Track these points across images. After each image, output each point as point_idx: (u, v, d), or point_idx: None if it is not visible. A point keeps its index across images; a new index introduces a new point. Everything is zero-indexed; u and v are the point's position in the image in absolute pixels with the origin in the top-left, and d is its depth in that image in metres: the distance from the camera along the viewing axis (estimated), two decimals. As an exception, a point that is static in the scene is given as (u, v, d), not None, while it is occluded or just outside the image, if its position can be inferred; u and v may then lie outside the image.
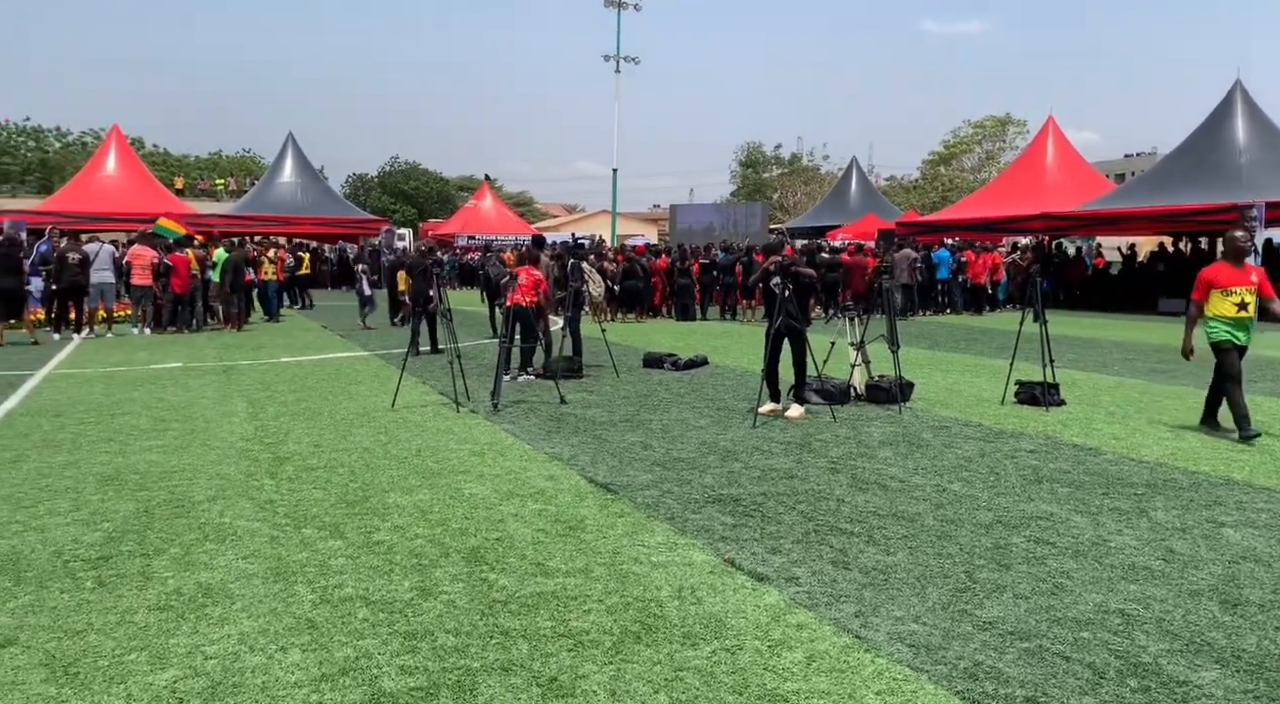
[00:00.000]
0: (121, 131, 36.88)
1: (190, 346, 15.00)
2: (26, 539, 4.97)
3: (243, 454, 7.16)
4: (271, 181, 39.03)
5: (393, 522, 5.37)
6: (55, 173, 66.13)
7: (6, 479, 6.25)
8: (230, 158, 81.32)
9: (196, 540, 4.99)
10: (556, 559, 4.70)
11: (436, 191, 77.13)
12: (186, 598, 4.15)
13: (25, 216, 29.86)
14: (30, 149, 73.33)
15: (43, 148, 73.90)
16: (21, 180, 66.69)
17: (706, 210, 42.71)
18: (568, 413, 9.00)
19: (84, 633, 3.76)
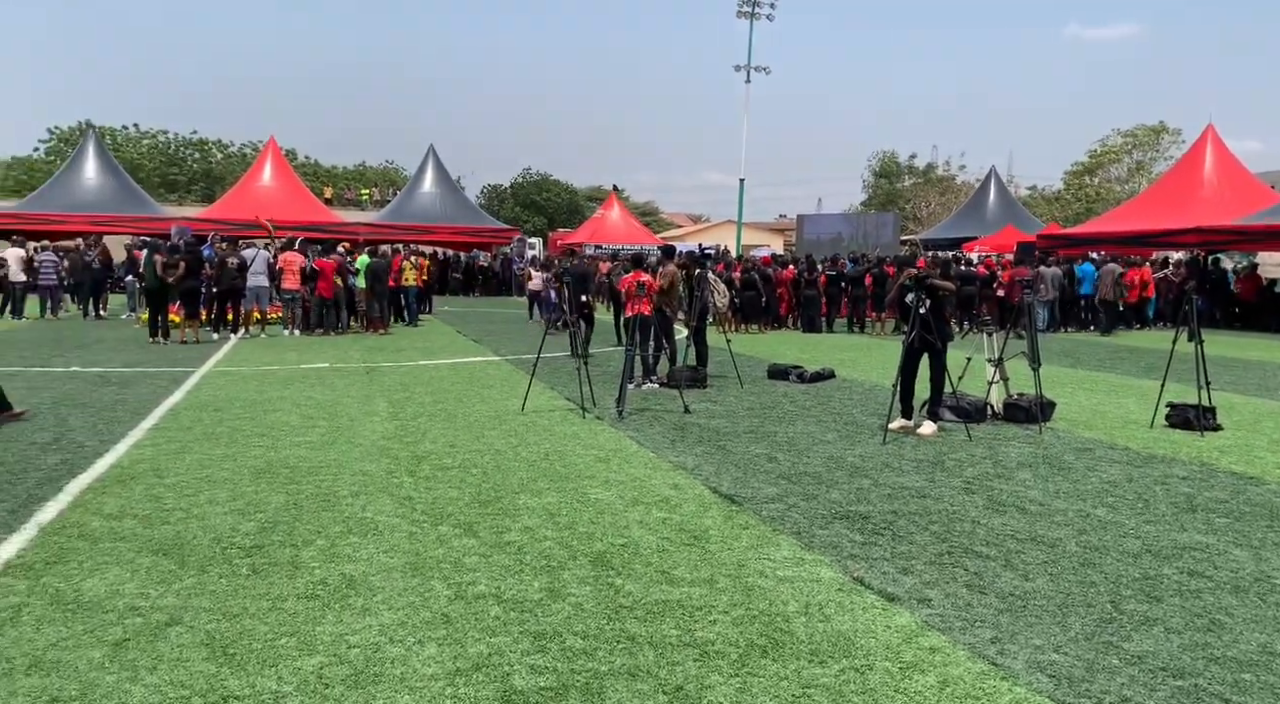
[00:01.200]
0: (277, 143, 39.20)
1: (336, 348, 15.78)
2: (189, 526, 5.33)
3: (384, 452, 7.48)
4: (413, 192, 40.68)
5: (523, 523, 5.51)
6: (217, 182, 70.79)
7: (172, 469, 6.72)
8: (374, 169, 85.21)
9: (341, 533, 5.24)
10: (681, 568, 4.72)
11: (566, 202, 78.71)
12: (332, 588, 4.36)
13: (190, 223, 32.10)
14: (196, 160, 78.74)
15: (207, 159, 79.27)
16: (188, 189, 71.66)
17: (835, 220, 42.02)
18: (691, 422, 9.02)
19: (239, 616, 4.00)
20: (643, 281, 10.29)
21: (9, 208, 37.25)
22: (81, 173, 35.62)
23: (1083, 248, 26.65)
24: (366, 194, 65.33)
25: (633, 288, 10.50)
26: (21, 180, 64.55)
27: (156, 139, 77.78)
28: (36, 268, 20.54)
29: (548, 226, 70.09)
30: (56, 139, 72.16)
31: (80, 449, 7.29)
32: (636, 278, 10.58)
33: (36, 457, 6.99)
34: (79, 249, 22.24)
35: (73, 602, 4.11)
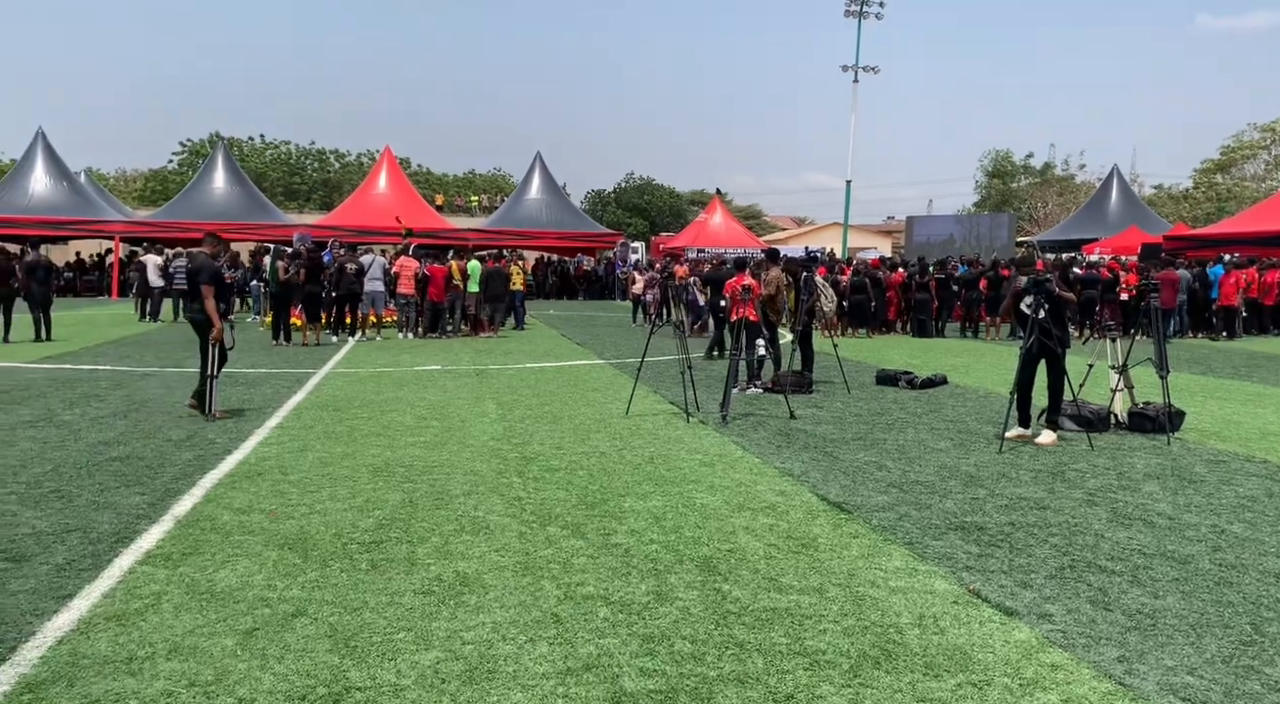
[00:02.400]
0: (392, 153, 40.57)
1: (447, 351, 16.22)
2: (312, 521, 5.56)
3: (493, 453, 7.64)
4: (520, 198, 41.50)
5: (629, 525, 5.54)
6: (335, 190, 73.71)
7: (296, 466, 7.02)
8: (483, 176, 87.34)
9: (454, 532, 5.38)
10: (789, 576, 4.67)
11: (669, 206, 78.97)
12: (446, 585, 4.48)
13: (310, 230, 33.50)
14: (315, 169, 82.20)
15: (325, 168, 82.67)
16: (308, 197, 74.89)
17: (946, 222, 40.90)
18: (797, 428, 8.91)
19: (360, 610, 4.15)
20: (747, 285, 10.23)
21: (146, 217, 39.64)
22: (211, 183, 37.62)
23: (1214, 249, 25.22)
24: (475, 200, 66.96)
25: (737, 292, 10.45)
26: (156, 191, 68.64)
27: (279, 149, 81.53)
28: (171, 273, 21.76)
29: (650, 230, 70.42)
30: (188, 151, 76.39)
31: (211, 446, 7.69)
32: (740, 281, 10.53)
33: (172, 453, 7.40)
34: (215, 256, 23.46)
35: (206, 591, 4.34)
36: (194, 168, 62.08)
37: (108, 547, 4.95)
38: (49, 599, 4.17)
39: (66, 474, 6.57)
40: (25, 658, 3.56)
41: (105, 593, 4.26)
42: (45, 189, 34.97)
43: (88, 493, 6.06)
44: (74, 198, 35.72)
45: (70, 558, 4.74)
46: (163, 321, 21.74)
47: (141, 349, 15.50)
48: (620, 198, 79.03)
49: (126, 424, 8.57)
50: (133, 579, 4.46)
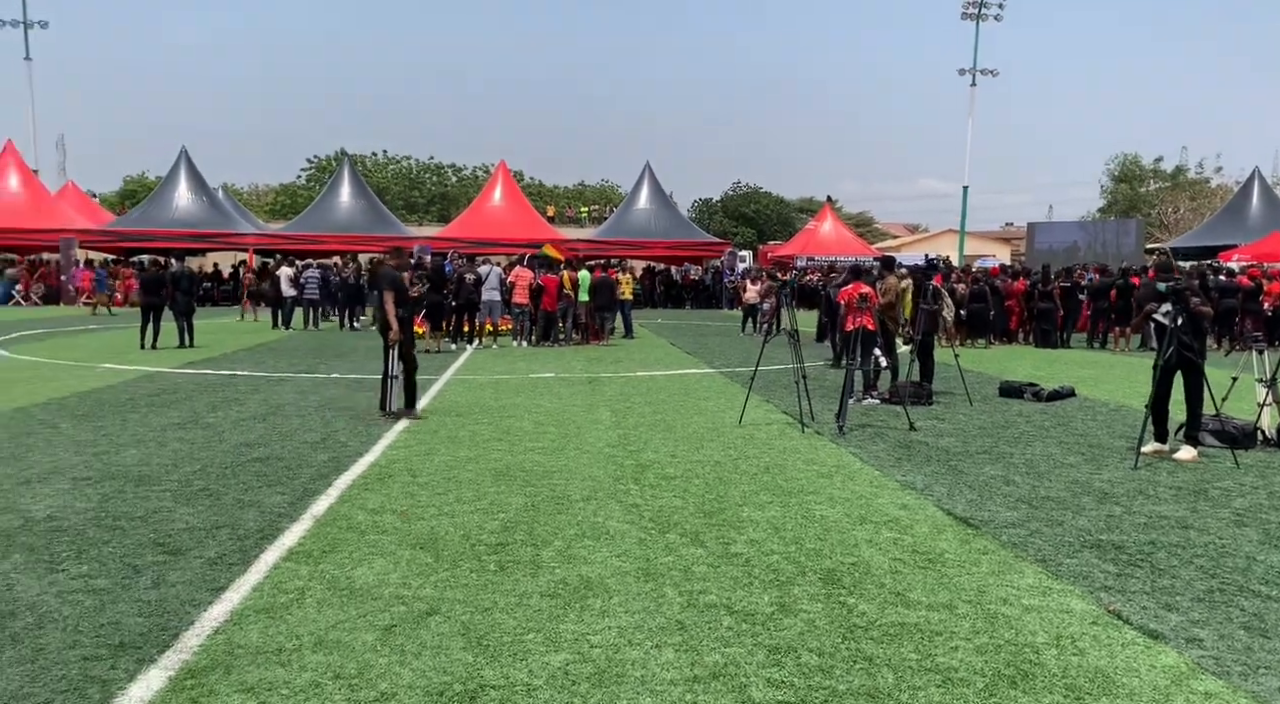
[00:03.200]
0: (507, 166, 41.59)
1: (560, 359, 16.50)
2: (441, 523, 5.74)
3: (609, 459, 7.74)
4: (629, 208, 41.92)
5: (748, 535, 5.53)
6: (452, 203, 75.94)
7: (424, 469, 7.27)
8: (592, 187, 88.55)
9: (576, 536, 5.47)
10: (917, 591, 4.57)
11: (776, 214, 78.36)
12: (571, 588, 4.57)
13: (429, 242, 34.64)
14: (433, 183, 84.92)
15: (443, 182, 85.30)
16: (426, 210, 77.38)
17: (1070, 228, 39.30)
18: (918, 440, 8.72)
19: (490, 610, 4.27)
20: (864, 293, 10.07)
21: (278, 230, 41.70)
22: (338, 197, 39.32)
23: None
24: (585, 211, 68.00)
25: (854, 300, 10.31)
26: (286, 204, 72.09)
27: (400, 164, 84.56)
28: (302, 284, 22.84)
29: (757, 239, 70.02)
30: (315, 167, 79.99)
31: (344, 448, 8.03)
32: (857, 290, 10.38)
33: (308, 454, 7.76)
34: (336, 266, 24.56)
35: (346, 588, 4.54)
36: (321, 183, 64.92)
37: (254, 543, 5.23)
38: (204, 591, 4.44)
39: (213, 473, 6.97)
40: (187, 645, 3.80)
41: (254, 586, 4.51)
42: (187, 204, 37.23)
43: (233, 491, 6.42)
44: (212, 212, 37.91)
45: (221, 552, 5.03)
46: (294, 329, 22.81)
47: (275, 356, 16.31)
48: (727, 206, 78.85)
49: (265, 427, 9.03)
50: (278, 574, 4.70)
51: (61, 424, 8.93)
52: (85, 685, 3.41)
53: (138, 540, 5.21)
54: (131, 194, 67.05)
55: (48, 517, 5.66)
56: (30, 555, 4.91)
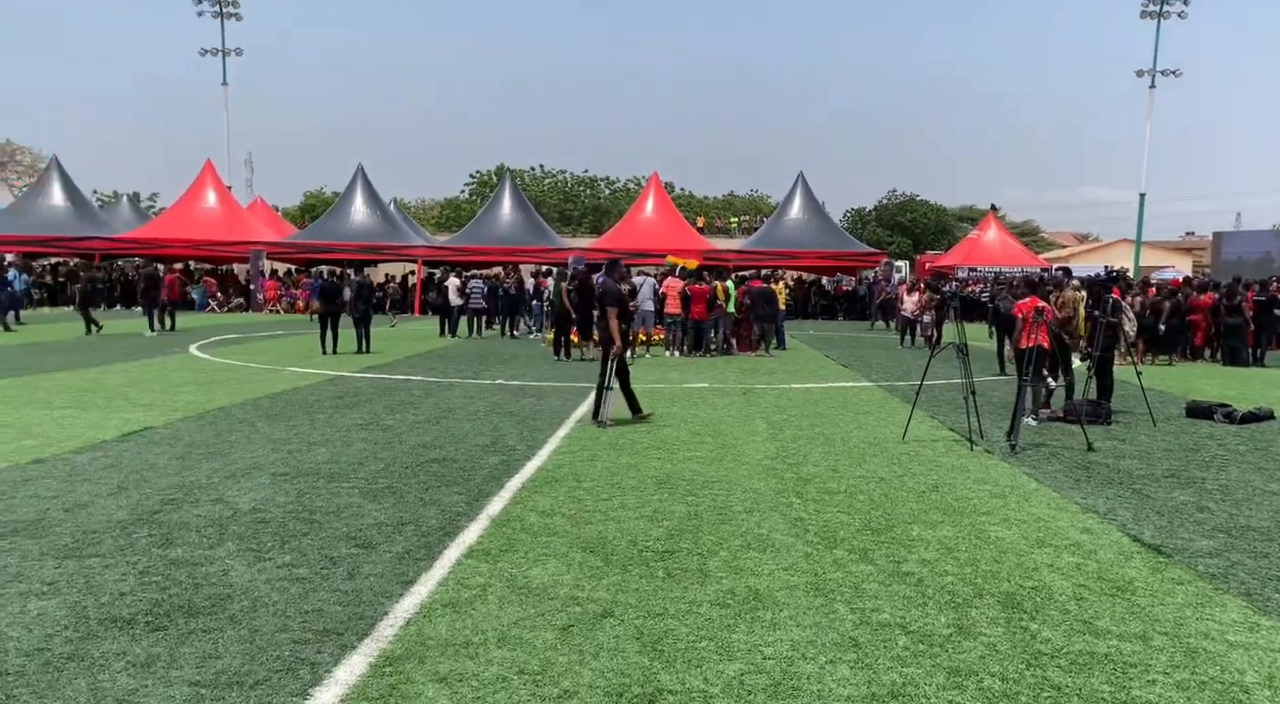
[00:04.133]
0: (659, 178, 42.08)
1: (712, 369, 16.55)
2: (608, 527, 5.88)
3: (769, 472, 7.71)
4: (781, 217, 41.59)
5: (919, 554, 5.40)
6: (604, 215, 77.50)
7: (587, 474, 7.46)
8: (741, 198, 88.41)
9: (741, 547, 5.49)
10: (1105, 620, 4.35)
11: (934, 222, 75.93)
12: (740, 599, 4.59)
13: (584, 253, 35.41)
14: (587, 196, 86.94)
15: (596, 195, 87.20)
16: (579, 222, 79.28)
17: (1262, 238, 36.32)
18: (1097, 461, 8.27)
19: (661, 616, 4.35)
20: (1040, 307, 9.63)
21: (444, 242, 43.69)
22: (499, 210, 40.82)
23: None
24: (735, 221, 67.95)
25: (1029, 314, 9.88)
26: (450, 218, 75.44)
27: (556, 178, 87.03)
28: (468, 294, 23.85)
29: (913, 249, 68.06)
30: (476, 182, 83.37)
31: (512, 452, 8.34)
32: (1034, 304, 9.95)
33: (480, 457, 8.10)
34: (498, 277, 25.49)
35: (524, 587, 4.72)
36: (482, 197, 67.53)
37: (436, 540, 5.52)
38: (394, 583, 4.72)
39: (396, 472, 7.39)
40: (382, 634, 4.05)
41: (439, 582, 4.76)
42: (363, 218, 39.53)
43: (415, 490, 6.78)
44: (384, 225, 40.08)
45: (408, 548, 5.33)
46: (459, 337, 23.83)
47: (445, 362, 17.09)
48: (881, 215, 77.04)
49: (439, 429, 9.49)
50: (460, 571, 4.94)
51: (258, 423, 9.66)
52: (297, 666, 3.69)
53: (333, 534, 5.59)
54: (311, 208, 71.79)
55: (252, 509, 6.15)
56: (240, 543, 5.35)
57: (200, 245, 38.93)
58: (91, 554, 5.06)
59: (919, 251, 64.09)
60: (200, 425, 9.43)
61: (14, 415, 9.75)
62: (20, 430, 8.84)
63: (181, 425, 9.41)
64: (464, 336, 23.88)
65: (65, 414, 9.92)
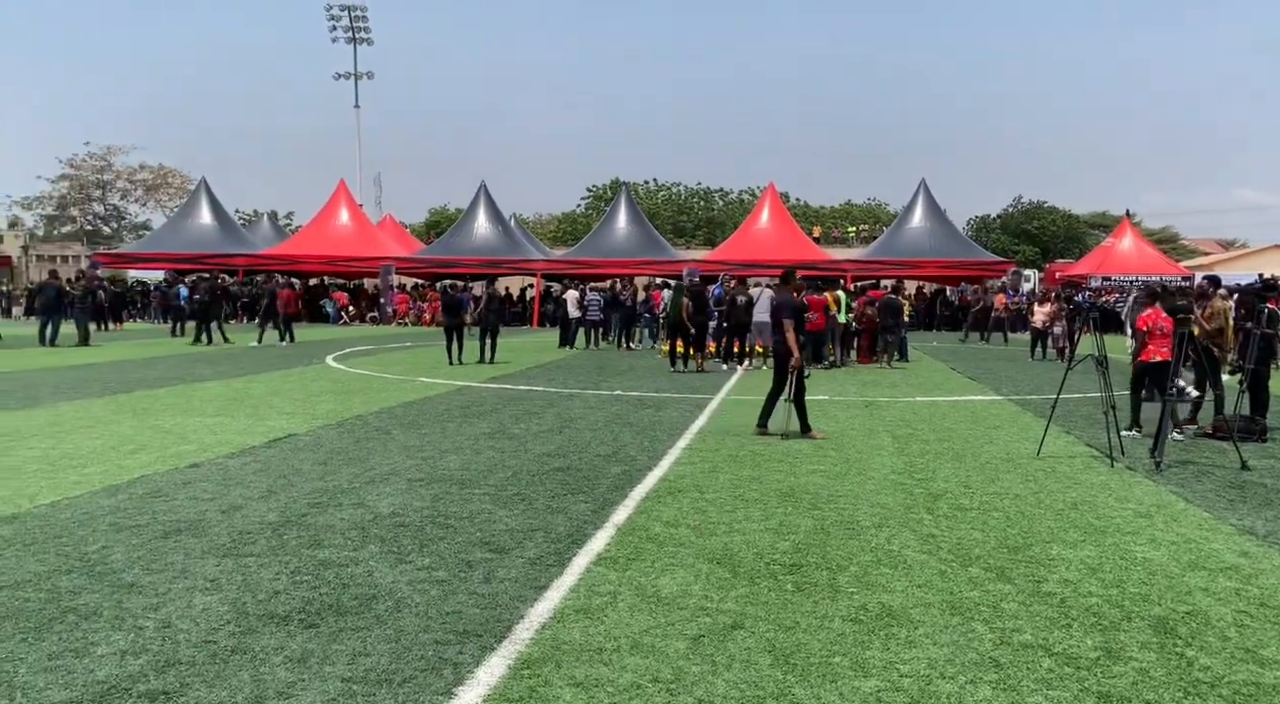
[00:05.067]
0: (775, 189, 41.83)
1: (832, 381, 16.31)
2: (733, 539, 5.88)
3: (896, 487, 7.55)
4: (901, 226, 40.72)
5: (1060, 574, 5.19)
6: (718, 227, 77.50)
7: (710, 485, 7.47)
8: (859, 206, 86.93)
9: (871, 563, 5.40)
10: (1271, 648, 4.09)
11: (1064, 230, 72.89)
12: (873, 615, 4.51)
13: (698, 265, 35.48)
14: (701, 208, 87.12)
15: (709, 206, 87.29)
16: (693, 234, 79.51)
17: None
18: (1253, 481, 7.78)
19: (793, 630, 4.32)
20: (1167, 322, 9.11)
21: (561, 256, 44.54)
22: (615, 224, 41.37)
23: None
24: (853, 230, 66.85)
25: (1154, 326, 9.39)
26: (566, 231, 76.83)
27: (670, 190, 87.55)
28: (585, 306, 24.25)
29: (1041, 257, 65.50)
30: (592, 196, 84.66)
31: (634, 462, 8.43)
32: (1156, 317, 9.45)
33: (602, 466, 8.22)
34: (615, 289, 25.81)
35: (653, 596, 4.76)
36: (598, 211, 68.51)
37: (565, 546, 5.63)
38: (528, 588, 4.84)
39: (523, 480, 7.57)
40: (519, 637, 4.16)
41: (570, 588, 4.85)
42: (485, 232, 40.74)
43: (543, 498, 6.94)
44: (505, 240, 41.19)
45: (539, 554, 5.46)
46: (577, 348, 24.23)
47: (564, 373, 17.41)
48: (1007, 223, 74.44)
49: (562, 439, 9.67)
50: (590, 578, 5.03)
51: (393, 431, 10.06)
52: (440, 666, 3.83)
53: (467, 538, 5.77)
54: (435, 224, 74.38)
55: (391, 513, 6.41)
56: (382, 546, 5.58)
57: (334, 261, 40.86)
58: (247, 553, 5.37)
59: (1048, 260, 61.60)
60: (339, 432, 9.89)
61: (172, 422, 10.44)
62: (178, 436, 9.46)
63: (322, 432, 9.88)
64: (581, 348, 24.26)
65: (217, 421, 10.57)
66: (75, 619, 4.27)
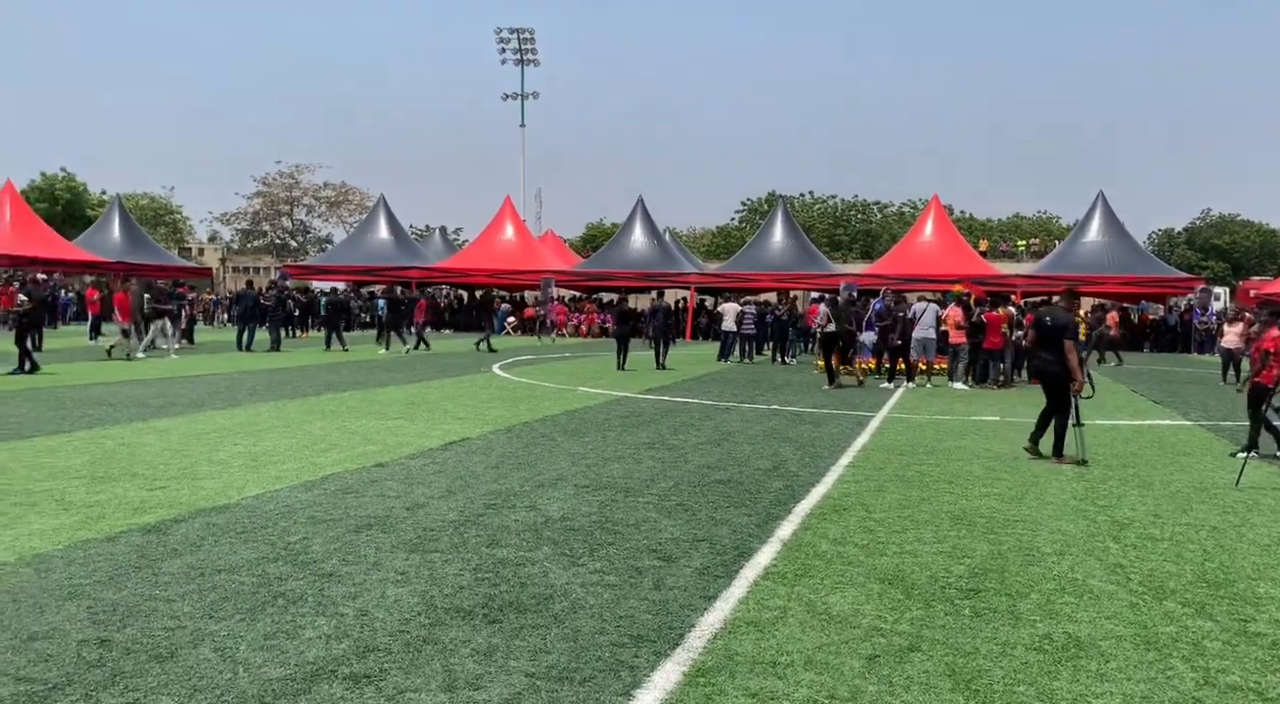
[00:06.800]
0: (940, 201, 40.53)
1: (1003, 401, 15.64)
2: (905, 561, 5.74)
3: (1077, 513, 7.18)
4: (1077, 240, 38.66)
5: (1270, 614, 4.81)
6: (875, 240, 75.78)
7: (877, 505, 7.32)
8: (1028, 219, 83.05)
9: (1054, 591, 5.16)
10: None
11: (1259, 245, 67.22)
12: (1058, 645, 4.31)
13: (856, 279, 34.82)
14: (858, 220, 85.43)
15: (868, 219, 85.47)
16: (849, 247, 78.03)
17: None
18: None
19: (972, 655, 4.18)
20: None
21: (716, 269, 44.67)
22: (771, 237, 41.16)
23: None
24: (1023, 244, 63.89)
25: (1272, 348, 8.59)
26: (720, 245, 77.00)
27: (826, 204, 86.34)
28: (741, 319, 24.25)
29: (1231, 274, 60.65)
30: (747, 209, 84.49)
31: (795, 478, 8.36)
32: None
33: (763, 480, 8.19)
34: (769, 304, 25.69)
35: (824, 613, 4.72)
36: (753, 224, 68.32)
37: (731, 558, 5.65)
38: (697, 597, 4.89)
39: (685, 490, 7.65)
40: (692, 645, 4.21)
41: (739, 600, 4.87)
42: (641, 246, 41.38)
43: (705, 509, 6.99)
44: (660, 254, 41.68)
45: (705, 564, 5.51)
46: (732, 362, 24.23)
47: (720, 386, 17.45)
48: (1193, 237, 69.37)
49: (721, 451, 9.70)
50: (758, 591, 5.03)
51: (558, 438, 10.37)
52: (617, 668, 3.93)
53: (635, 545, 5.89)
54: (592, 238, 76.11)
55: (562, 517, 6.61)
56: (555, 548, 5.77)
57: (498, 274, 42.49)
58: (432, 549, 5.68)
59: (1240, 277, 56.94)
60: (509, 438, 10.28)
61: (357, 424, 11.13)
62: (363, 437, 10.08)
63: (493, 437, 10.30)
64: (736, 361, 24.23)
65: (397, 424, 11.19)
66: (284, 603, 4.63)
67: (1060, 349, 9.24)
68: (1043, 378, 9.68)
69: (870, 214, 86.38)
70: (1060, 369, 9.25)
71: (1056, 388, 9.40)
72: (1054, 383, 9.42)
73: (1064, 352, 9.21)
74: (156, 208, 77.16)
